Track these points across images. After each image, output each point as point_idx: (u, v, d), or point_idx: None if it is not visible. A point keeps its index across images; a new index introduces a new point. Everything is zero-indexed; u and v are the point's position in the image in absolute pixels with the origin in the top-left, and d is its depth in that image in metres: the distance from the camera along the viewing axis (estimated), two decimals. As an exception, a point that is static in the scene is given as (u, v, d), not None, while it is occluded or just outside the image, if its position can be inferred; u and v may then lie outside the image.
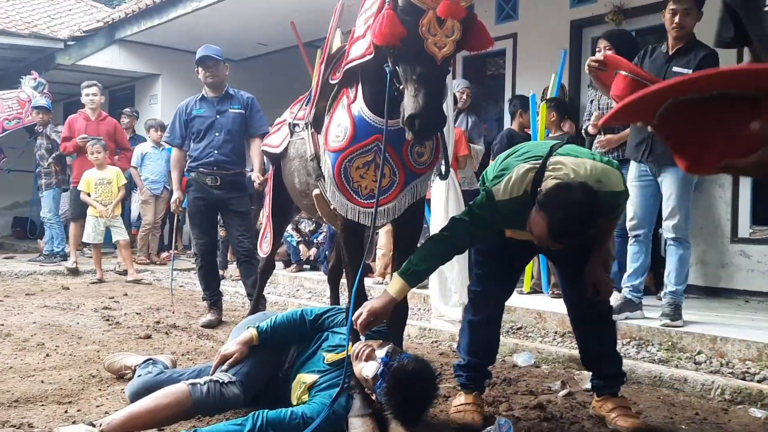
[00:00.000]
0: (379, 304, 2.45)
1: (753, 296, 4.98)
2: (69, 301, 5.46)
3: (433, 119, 2.23)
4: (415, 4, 2.19)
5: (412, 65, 2.23)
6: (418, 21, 2.18)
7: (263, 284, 4.17)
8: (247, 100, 4.81)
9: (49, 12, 11.08)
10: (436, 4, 2.16)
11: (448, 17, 2.16)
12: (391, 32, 2.24)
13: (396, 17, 2.24)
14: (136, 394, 2.68)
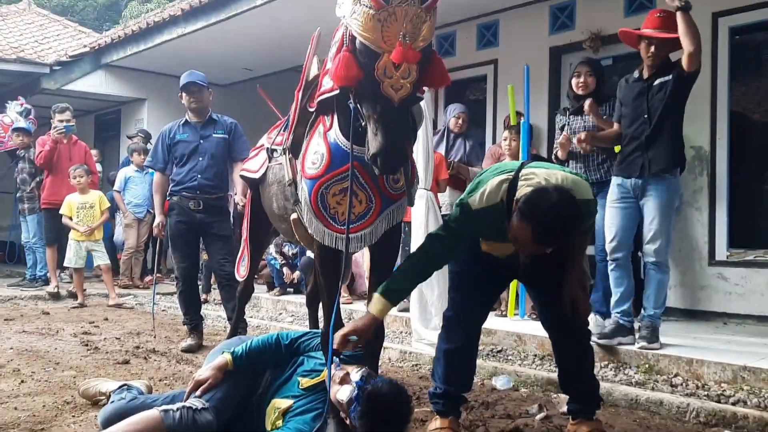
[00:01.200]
0: (361, 324, 2.47)
1: (731, 318, 5.02)
2: (48, 326, 5.42)
3: (393, 158, 2.28)
4: (370, 47, 2.24)
5: (372, 105, 2.29)
6: (375, 64, 2.23)
7: (242, 307, 4.17)
8: (230, 125, 4.85)
9: (37, 37, 11.12)
10: (391, 48, 2.21)
11: (402, 62, 2.21)
12: (346, 75, 2.30)
13: (352, 59, 2.30)
14: (108, 420, 2.66)
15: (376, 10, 2.19)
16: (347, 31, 2.35)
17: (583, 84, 4.57)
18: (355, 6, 2.26)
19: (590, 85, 4.55)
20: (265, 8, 6.70)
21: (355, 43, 2.30)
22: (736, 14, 5.09)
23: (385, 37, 2.21)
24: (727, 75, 5.14)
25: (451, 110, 5.99)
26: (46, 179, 7.35)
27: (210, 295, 7.04)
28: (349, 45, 2.33)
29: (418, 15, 2.21)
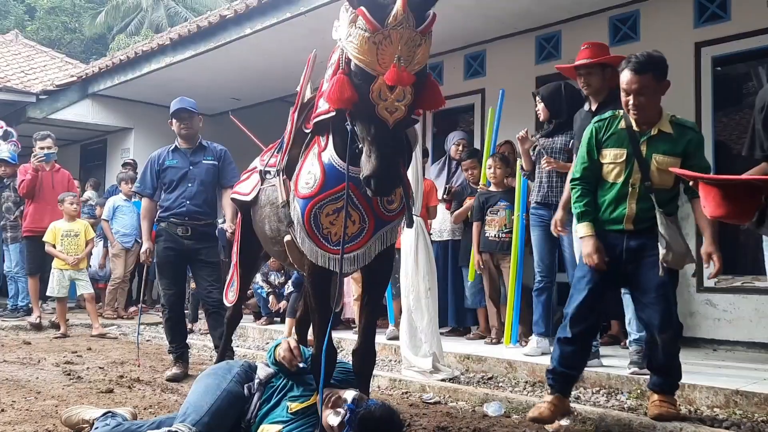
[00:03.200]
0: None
1: (720, 345, 5.02)
2: (29, 356, 5.30)
3: (387, 180, 2.28)
4: (366, 69, 2.26)
5: (367, 127, 2.30)
6: (370, 86, 2.25)
7: (230, 333, 4.11)
8: (220, 152, 4.84)
9: (23, 68, 11.12)
10: (385, 70, 2.23)
11: (397, 84, 2.22)
12: (341, 97, 2.32)
13: (348, 82, 2.31)
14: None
15: (371, 33, 2.21)
16: (343, 53, 2.36)
17: (541, 111, 4.67)
18: (350, 29, 2.28)
19: (543, 114, 4.68)
20: (253, 38, 6.76)
21: (351, 65, 2.32)
22: (719, 44, 5.20)
23: (380, 59, 2.22)
24: (711, 104, 5.23)
25: (451, 138, 6.17)
26: (29, 207, 7.26)
27: (196, 324, 6.94)
28: (345, 68, 2.34)
29: (413, 38, 2.23)
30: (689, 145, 3.13)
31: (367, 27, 2.21)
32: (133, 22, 23.99)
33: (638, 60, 3.06)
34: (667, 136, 3.12)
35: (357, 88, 2.28)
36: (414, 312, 4.53)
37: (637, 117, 3.12)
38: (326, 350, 2.61)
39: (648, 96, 3.06)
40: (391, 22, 2.20)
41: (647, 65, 3.04)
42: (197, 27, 7.24)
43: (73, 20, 25.39)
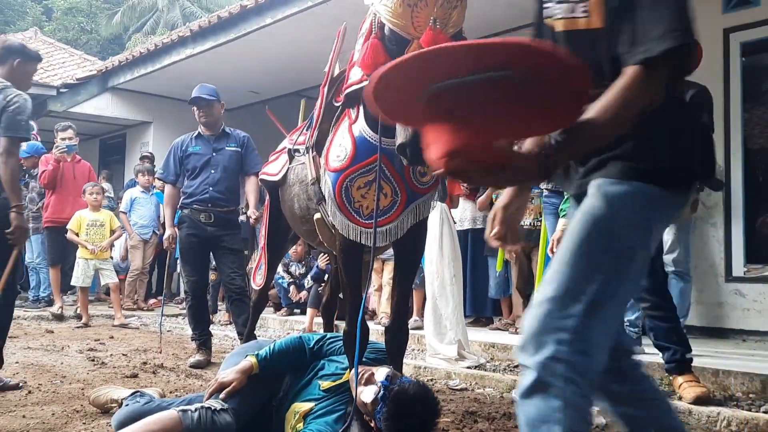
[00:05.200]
0: None
1: (749, 335, 4.93)
2: (53, 344, 5.31)
3: (422, 148, 2.22)
4: (400, 33, 2.21)
5: None
6: (404, 50, 2.19)
7: (255, 319, 4.07)
8: (243, 139, 4.82)
9: (43, 65, 11.09)
10: (420, 34, 2.17)
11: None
12: (374, 62, 2.26)
13: (381, 47, 2.26)
14: (122, 423, 2.57)
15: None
16: (376, 18, 2.31)
17: None
18: None
19: None
20: (273, 28, 6.74)
21: (384, 30, 2.27)
22: (748, 30, 5.11)
23: (415, 23, 2.18)
24: (739, 90, 5.14)
25: None
26: (50, 198, 7.29)
27: (215, 315, 6.93)
28: (378, 32, 2.29)
29: (448, 0, 2.18)
30: None
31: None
32: (149, 22, 24.12)
33: None
34: None
35: (391, 53, 2.23)
36: (439, 299, 4.48)
37: None
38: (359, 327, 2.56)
39: None
40: None
41: None
42: (218, 17, 7.24)
43: (89, 21, 25.56)
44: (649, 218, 1.44)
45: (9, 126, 3.49)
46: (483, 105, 1.25)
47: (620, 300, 1.47)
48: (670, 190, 1.44)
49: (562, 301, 1.39)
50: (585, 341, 1.38)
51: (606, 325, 1.42)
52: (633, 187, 1.43)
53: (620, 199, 1.43)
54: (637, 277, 1.47)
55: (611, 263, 1.41)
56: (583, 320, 1.38)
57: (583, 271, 1.41)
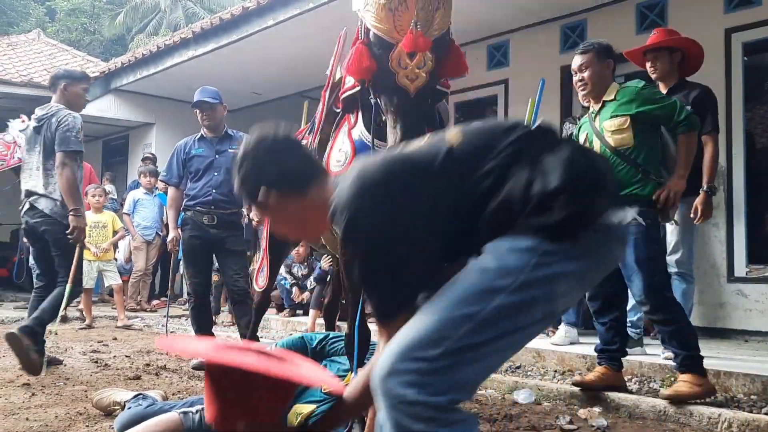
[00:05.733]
0: None
1: (751, 336, 4.93)
2: (56, 345, 5.32)
3: None
4: (383, 38, 2.22)
5: (389, 97, 2.26)
6: (389, 54, 2.21)
7: (258, 320, 4.09)
8: None
9: (46, 66, 11.22)
10: (403, 37, 2.19)
11: (414, 51, 2.18)
12: (359, 67, 2.28)
13: (367, 51, 2.28)
14: (125, 425, 2.59)
15: (387, 0, 2.17)
16: (362, 24, 2.34)
17: None
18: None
19: None
20: (275, 30, 6.75)
21: (370, 35, 2.28)
22: (749, 30, 5.11)
23: (398, 26, 2.19)
24: (741, 91, 5.13)
25: None
26: None
27: (218, 317, 6.95)
28: (365, 38, 2.31)
29: (430, 2, 2.19)
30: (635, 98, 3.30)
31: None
32: (152, 23, 24.17)
33: (584, 44, 3.54)
34: (610, 103, 3.39)
35: (376, 58, 2.25)
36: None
37: (584, 92, 3.48)
38: (359, 330, 2.58)
39: (591, 72, 3.41)
40: None
41: (589, 46, 3.48)
42: (219, 19, 7.26)
43: (92, 22, 25.63)
44: (530, 270, 1.43)
45: (61, 141, 4.12)
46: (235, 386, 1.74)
47: (495, 348, 1.46)
48: (552, 242, 1.44)
49: (419, 345, 1.42)
50: (439, 383, 1.40)
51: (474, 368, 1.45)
52: (518, 240, 1.45)
53: (504, 252, 1.46)
54: (522, 329, 1.47)
55: (483, 312, 1.43)
56: (438, 364, 1.40)
57: (451, 317, 1.43)
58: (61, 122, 4.14)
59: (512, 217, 1.46)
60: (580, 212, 1.45)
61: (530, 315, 1.46)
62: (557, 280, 1.46)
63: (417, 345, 1.42)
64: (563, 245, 1.45)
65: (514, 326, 1.45)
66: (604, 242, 1.52)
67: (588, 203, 1.47)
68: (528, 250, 1.44)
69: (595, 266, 1.55)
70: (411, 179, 1.51)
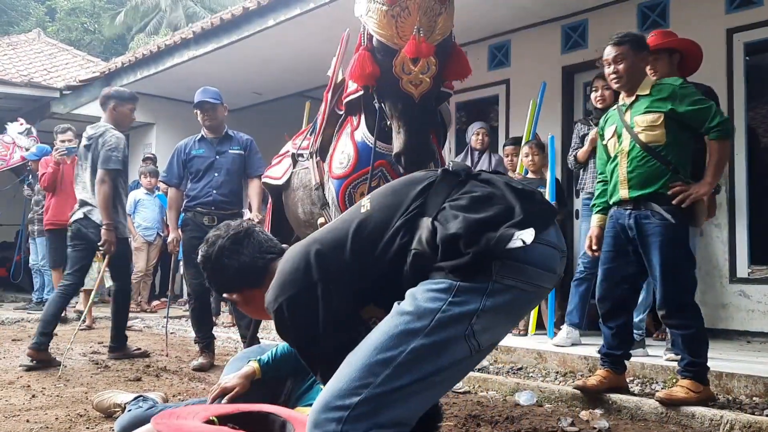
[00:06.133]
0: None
1: (754, 337, 4.92)
2: (56, 346, 5.30)
3: (418, 156, 2.24)
4: (386, 44, 2.22)
5: (393, 102, 2.26)
6: (392, 60, 2.20)
7: (258, 324, 4.08)
8: (246, 142, 4.83)
9: (46, 66, 11.22)
10: (405, 43, 2.18)
11: (417, 56, 2.18)
12: (363, 73, 2.28)
13: (370, 58, 2.28)
14: (125, 428, 2.57)
15: (389, 6, 2.17)
16: (365, 30, 2.33)
17: (601, 97, 4.55)
18: (369, 4, 2.25)
19: (608, 99, 4.52)
20: (276, 30, 6.73)
21: (373, 41, 2.28)
22: (751, 30, 5.10)
23: (400, 32, 2.19)
24: (743, 91, 5.13)
25: (471, 128, 6.10)
26: (50, 200, 7.29)
27: (218, 317, 6.94)
28: (368, 44, 2.31)
29: (432, 8, 2.19)
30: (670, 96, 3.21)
31: (385, 0, 2.17)
32: (152, 23, 24.17)
33: (618, 35, 3.40)
34: (644, 98, 3.30)
35: (380, 64, 2.24)
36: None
37: (618, 84, 3.36)
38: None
39: (626, 64, 3.29)
40: None
41: (624, 37, 3.36)
42: (220, 20, 7.24)
43: (92, 21, 25.62)
44: (444, 310, 1.48)
45: (104, 160, 4.61)
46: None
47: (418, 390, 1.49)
48: (466, 280, 1.49)
49: (340, 393, 1.47)
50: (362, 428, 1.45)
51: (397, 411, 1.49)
52: (433, 283, 1.52)
53: (420, 295, 1.52)
54: (448, 367, 1.51)
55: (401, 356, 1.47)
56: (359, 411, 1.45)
57: (370, 364, 1.48)
58: (106, 142, 4.63)
59: (427, 263, 1.54)
60: (482, 249, 1.49)
61: (450, 354, 1.49)
62: (474, 316, 1.49)
63: (337, 395, 1.47)
64: (478, 282, 1.49)
65: (435, 367, 1.48)
66: (521, 270, 1.54)
67: (489, 239, 1.50)
68: (442, 291, 1.49)
69: (517, 298, 1.56)
70: (326, 265, 1.61)
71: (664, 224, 3.18)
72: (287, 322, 1.63)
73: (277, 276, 1.68)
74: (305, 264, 1.62)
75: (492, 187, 1.65)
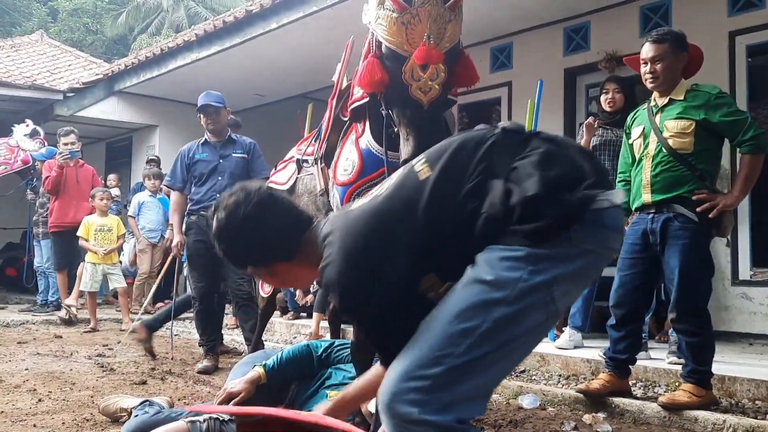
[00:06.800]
0: None
1: (756, 339, 4.93)
2: (62, 349, 5.35)
3: None
4: (396, 51, 2.23)
5: (402, 109, 2.27)
6: (401, 67, 2.22)
7: (263, 327, 4.11)
8: (249, 145, 4.85)
9: (49, 67, 11.25)
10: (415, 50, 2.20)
11: (427, 63, 2.19)
12: (371, 80, 2.29)
13: (379, 64, 2.29)
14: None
15: (399, 13, 2.19)
16: (373, 37, 2.35)
17: (611, 100, 4.54)
18: (379, 11, 2.26)
19: (618, 102, 4.51)
20: (279, 33, 6.75)
21: (382, 48, 2.29)
22: (753, 33, 5.10)
23: (410, 39, 2.20)
24: (745, 94, 5.13)
25: None
26: (54, 203, 7.32)
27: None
28: (376, 51, 2.32)
29: (442, 15, 2.21)
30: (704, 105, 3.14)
31: (395, 7, 2.19)
32: (154, 23, 24.22)
33: (658, 32, 3.30)
34: (678, 102, 3.22)
35: (389, 71, 2.26)
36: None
37: (653, 85, 3.26)
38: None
39: (664, 64, 3.21)
40: (417, 0, 2.18)
41: (665, 35, 3.25)
42: (223, 22, 7.26)
43: (94, 22, 25.67)
44: (526, 279, 1.44)
45: None
46: None
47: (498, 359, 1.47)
48: (540, 246, 1.44)
49: (420, 363, 1.43)
50: (443, 399, 1.42)
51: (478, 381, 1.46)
52: (510, 250, 1.45)
53: (497, 263, 1.45)
54: (527, 336, 1.49)
55: (483, 325, 1.43)
56: (441, 380, 1.41)
57: (451, 333, 1.43)
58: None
59: (500, 227, 1.46)
60: (565, 211, 1.44)
61: (531, 321, 1.47)
62: (554, 284, 1.45)
63: (417, 364, 1.43)
64: (556, 248, 1.44)
65: (515, 335, 1.46)
66: (598, 233, 1.50)
67: (570, 200, 1.45)
68: (521, 259, 1.43)
69: (593, 262, 1.53)
70: (393, 233, 1.52)
71: (688, 227, 3.14)
72: (353, 301, 1.53)
73: (340, 252, 1.52)
74: (366, 237, 1.52)
75: (557, 145, 1.57)
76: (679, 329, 3.31)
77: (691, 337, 3.24)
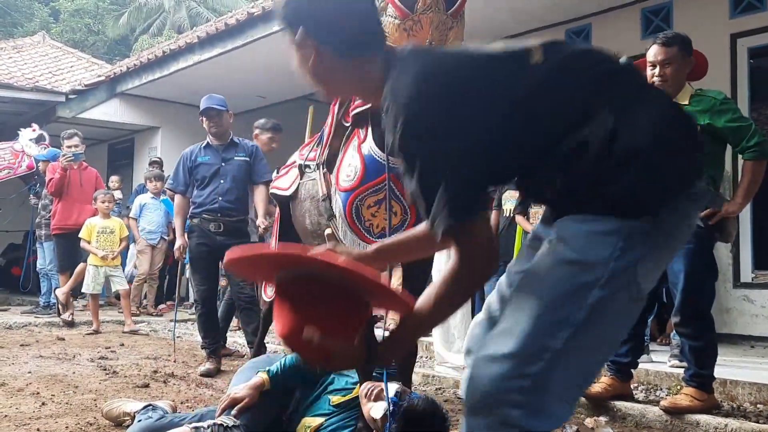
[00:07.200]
0: None
1: (758, 341, 4.94)
2: (65, 352, 5.36)
3: None
4: None
5: None
6: None
7: (265, 330, 4.11)
8: (251, 149, 4.86)
9: (51, 69, 11.27)
10: None
11: None
12: None
13: None
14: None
15: (401, 20, 2.20)
16: None
17: None
18: (381, 17, 2.27)
19: None
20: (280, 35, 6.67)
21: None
22: (755, 35, 5.11)
23: None
24: (747, 96, 5.14)
25: None
26: (57, 205, 7.34)
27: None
28: None
29: (444, 22, 2.22)
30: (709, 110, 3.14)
31: (397, 14, 2.20)
32: (156, 23, 24.25)
33: (666, 35, 3.31)
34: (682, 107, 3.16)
35: None
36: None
37: (662, 88, 3.18)
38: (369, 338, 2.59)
39: (673, 68, 3.20)
40: (420, 7, 2.19)
41: (674, 38, 3.25)
42: (225, 24, 7.28)
43: (96, 22, 25.70)
44: (617, 258, 1.29)
45: None
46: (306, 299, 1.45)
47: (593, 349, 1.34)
48: (634, 220, 1.29)
49: (521, 359, 1.28)
50: (542, 401, 1.29)
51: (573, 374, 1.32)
52: (597, 223, 1.30)
53: (584, 239, 1.30)
54: (616, 322, 1.36)
55: (579, 313, 1.28)
56: (541, 379, 1.28)
57: (547, 324, 1.29)
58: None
59: (587, 167, 1.28)
60: (670, 182, 1.30)
61: (619, 304, 1.32)
62: (641, 263, 1.31)
63: (519, 359, 1.29)
64: (645, 224, 1.29)
65: (611, 320, 1.33)
66: (684, 215, 1.36)
67: (677, 171, 1.31)
68: (611, 234, 1.28)
69: (672, 244, 1.39)
70: (481, 86, 1.33)
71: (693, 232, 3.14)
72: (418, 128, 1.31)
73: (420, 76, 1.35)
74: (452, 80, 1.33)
75: (679, 108, 1.40)
76: (682, 333, 3.32)
77: (694, 341, 3.24)
